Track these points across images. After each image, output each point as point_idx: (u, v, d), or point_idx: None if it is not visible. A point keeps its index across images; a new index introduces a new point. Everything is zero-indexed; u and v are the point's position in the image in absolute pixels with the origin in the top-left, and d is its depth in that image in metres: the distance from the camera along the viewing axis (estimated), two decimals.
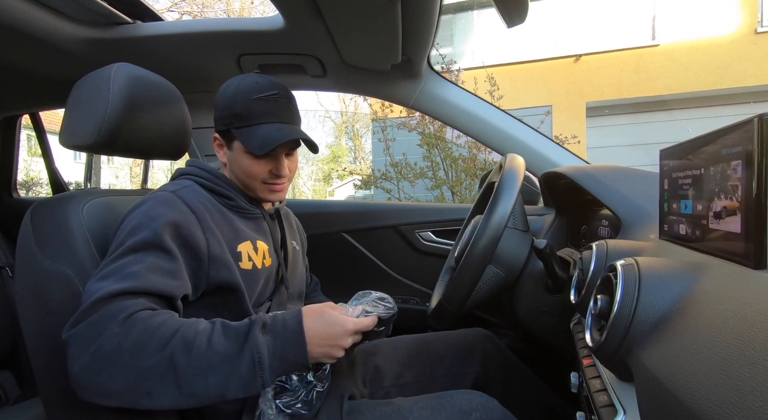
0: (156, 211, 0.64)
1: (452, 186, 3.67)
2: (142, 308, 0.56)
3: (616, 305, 0.36)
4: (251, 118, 0.72)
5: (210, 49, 1.06)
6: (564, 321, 0.77)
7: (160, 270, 0.60)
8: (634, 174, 0.79)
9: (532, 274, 0.83)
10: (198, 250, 0.66)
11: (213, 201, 0.73)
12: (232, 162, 0.76)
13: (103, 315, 0.54)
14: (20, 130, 1.51)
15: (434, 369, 0.90)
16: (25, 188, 6.51)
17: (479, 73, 3.70)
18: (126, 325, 0.53)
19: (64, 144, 0.79)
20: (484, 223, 0.70)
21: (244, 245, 0.73)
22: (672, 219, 0.50)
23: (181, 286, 0.63)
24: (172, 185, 0.72)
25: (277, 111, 0.74)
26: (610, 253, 0.52)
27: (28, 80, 1.16)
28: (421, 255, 1.33)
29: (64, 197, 0.78)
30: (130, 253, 0.60)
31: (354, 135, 11.64)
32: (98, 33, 0.99)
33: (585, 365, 0.47)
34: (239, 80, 0.74)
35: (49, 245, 0.72)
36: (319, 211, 1.40)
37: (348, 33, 0.93)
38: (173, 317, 0.58)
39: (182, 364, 0.53)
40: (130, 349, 0.52)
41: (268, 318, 0.61)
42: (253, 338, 0.56)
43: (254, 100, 0.72)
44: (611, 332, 0.36)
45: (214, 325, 0.58)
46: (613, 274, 0.40)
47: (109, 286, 0.56)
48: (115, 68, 0.76)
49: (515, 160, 0.81)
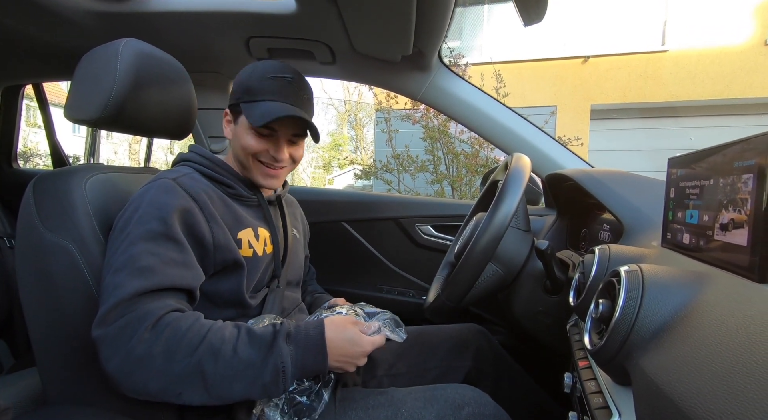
0: (162, 200, 0.64)
1: (453, 181, 3.67)
2: (168, 310, 0.58)
3: (618, 310, 0.37)
4: (259, 94, 0.73)
5: (220, 29, 1.04)
6: (559, 322, 0.78)
7: (175, 263, 0.61)
8: (639, 180, 0.79)
9: (531, 274, 0.83)
10: (203, 239, 0.67)
11: (213, 188, 0.73)
12: (235, 137, 0.77)
13: (132, 319, 0.55)
14: (23, 101, 1.49)
15: (427, 361, 0.91)
16: (23, 159, 6.45)
17: (486, 68, 3.67)
18: (155, 330, 0.55)
19: (69, 117, 0.78)
20: (487, 221, 0.71)
21: (245, 232, 0.74)
22: (676, 228, 0.51)
23: (197, 275, 0.64)
24: (172, 172, 0.72)
25: (286, 92, 0.74)
26: (613, 258, 0.53)
27: (33, 50, 1.14)
28: (420, 249, 1.34)
29: (67, 171, 0.78)
30: (141, 243, 0.60)
31: (356, 124, 11.58)
32: (108, 6, 0.98)
33: (581, 367, 0.48)
34: (263, 63, 0.76)
35: (51, 218, 0.71)
36: (320, 199, 1.40)
37: (361, 21, 0.92)
38: (199, 320, 0.59)
39: (210, 371, 0.56)
40: (160, 355, 0.55)
41: (292, 328, 0.63)
42: (278, 348, 0.59)
43: (268, 79, 0.73)
44: (611, 337, 0.37)
45: (239, 332, 0.60)
46: (616, 280, 0.40)
47: (129, 284, 0.57)
48: (123, 43, 0.75)
49: (521, 159, 0.81)
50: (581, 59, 6.33)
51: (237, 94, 0.75)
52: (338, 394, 0.73)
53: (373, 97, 4.13)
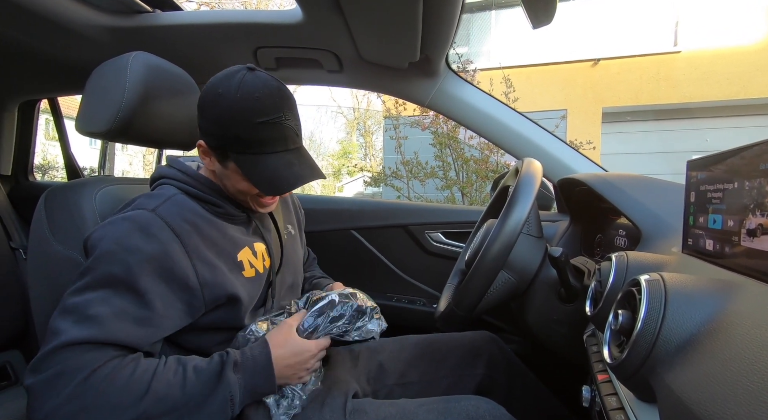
0: (132, 242, 0.58)
1: (462, 187, 3.64)
2: (104, 362, 0.53)
3: (639, 322, 0.35)
4: (254, 146, 0.62)
5: (227, 40, 1.06)
6: (575, 332, 0.75)
7: (127, 317, 0.56)
8: (656, 184, 0.77)
9: (545, 282, 0.81)
10: (186, 280, 0.61)
11: (200, 211, 0.67)
12: (223, 176, 0.69)
13: (64, 369, 0.51)
14: (39, 115, 1.53)
15: (438, 369, 0.89)
16: (41, 171, 6.63)
17: (495, 74, 3.65)
18: (88, 385, 0.51)
19: (80, 130, 0.79)
20: (498, 228, 0.69)
21: (244, 253, 0.70)
22: (698, 233, 0.48)
23: (149, 335, 0.58)
24: (152, 199, 0.64)
25: (283, 137, 0.63)
26: (631, 266, 0.50)
27: (47, 65, 1.17)
28: (430, 256, 1.32)
29: (78, 183, 0.78)
30: (98, 288, 0.56)
31: (365, 132, 11.63)
32: (118, 21, 1.00)
33: (600, 381, 0.46)
34: (235, 90, 0.61)
35: (62, 231, 0.72)
36: (328, 207, 1.39)
37: (367, 28, 0.92)
38: (139, 366, 0.56)
39: (157, 417, 0.54)
40: (97, 410, 0.51)
41: (238, 355, 0.62)
42: (226, 379, 0.58)
43: (257, 125, 0.61)
44: (633, 350, 0.34)
45: (185, 372, 0.58)
46: (636, 289, 0.38)
47: (71, 331, 0.53)
48: (132, 57, 0.76)
49: (532, 164, 0.79)
50: (591, 62, 6.27)
51: (221, 140, 0.63)
52: (348, 406, 0.72)
53: (382, 104, 4.14)
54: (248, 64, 0.65)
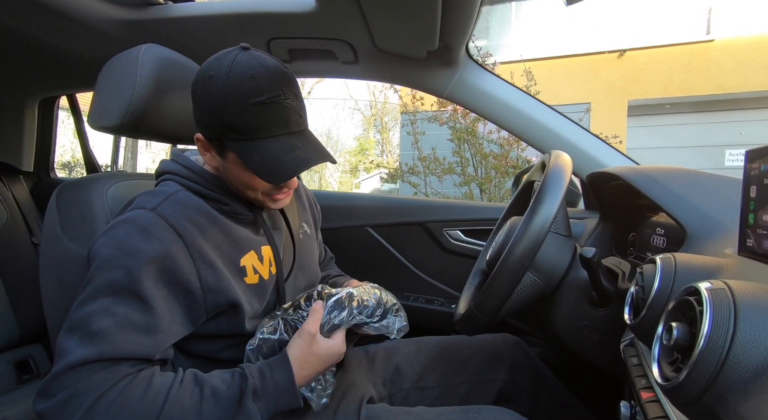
0: (132, 244, 0.54)
1: (481, 183, 3.56)
2: (115, 381, 0.50)
3: (701, 339, 0.29)
4: (251, 131, 0.57)
5: (240, 31, 1.03)
6: (608, 339, 0.69)
7: (133, 326, 0.53)
8: (702, 178, 0.69)
9: (574, 284, 0.75)
10: (188, 284, 0.57)
11: (204, 208, 0.62)
12: (226, 171, 0.64)
13: (72, 394, 0.49)
14: (58, 112, 1.55)
15: (457, 374, 0.85)
16: (68, 169, 6.85)
17: (516, 67, 3.55)
18: (95, 411, 0.49)
19: (92, 125, 0.78)
20: (524, 226, 0.63)
21: (248, 257, 0.65)
22: (762, 233, 0.42)
23: (158, 342, 0.55)
24: (152, 197, 0.60)
25: (283, 118, 0.58)
26: (680, 270, 0.44)
27: (64, 62, 1.18)
28: (448, 254, 1.27)
29: (89, 179, 0.77)
30: (101, 298, 0.52)
31: (382, 128, 11.58)
32: (131, 13, 0.98)
33: (645, 400, 0.40)
34: (227, 70, 0.56)
35: (72, 227, 0.71)
36: (344, 203, 1.36)
37: (383, 15, 0.87)
38: (151, 386, 0.52)
39: None
40: None
41: (258, 381, 0.56)
42: (245, 409, 0.54)
43: (252, 106, 0.55)
44: (694, 372, 0.29)
45: (203, 395, 0.53)
46: (695, 299, 0.33)
47: (77, 351, 0.50)
48: (143, 49, 0.74)
49: (561, 157, 0.73)
50: (617, 53, 6.03)
51: (215, 129, 0.59)
52: (363, 412, 0.68)
53: (399, 99, 4.09)
54: (242, 44, 0.59)
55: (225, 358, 0.66)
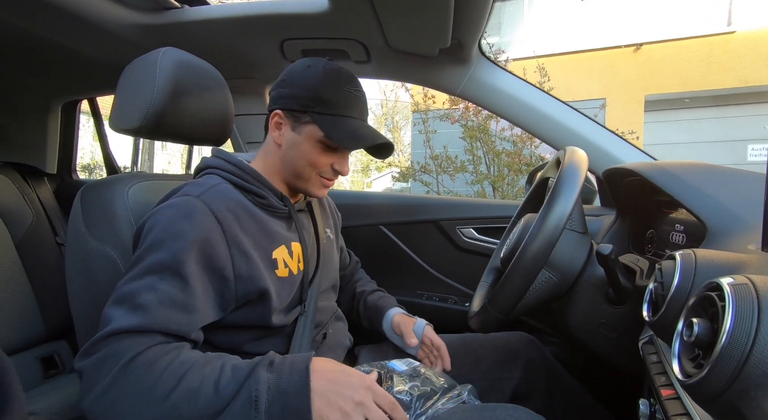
0: (178, 227, 0.59)
1: (494, 181, 3.53)
2: (147, 347, 0.54)
3: (724, 334, 0.29)
4: (339, 108, 0.68)
5: (255, 33, 1.04)
6: (626, 337, 0.69)
7: (173, 303, 0.57)
8: (722, 172, 0.68)
9: (590, 282, 0.74)
10: (223, 270, 0.61)
11: (243, 201, 0.67)
12: (292, 145, 0.70)
13: (109, 353, 0.53)
14: (80, 115, 1.59)
15: (472, 372, 0.85)
16: (88, 171, 7.03)
17: (528, 63, 3.51)
18: (129, 370, 0.52)
19: (114, 127, 0.80)
20: (539, 223, 0.63)
21: (280, 251, 0.69)
22: None
23: (194, 320, 0.59)
24: (197, 186, 0.65)
25: (361, 108, 0.71)
26: (701, 266, 0.44)
27: (85, 66, 1.21)
28: (462, 252, 1.26)
29: (112, 180, 0.79)
30: (146, 275, 0.57)
31: (393, 127, 11.57)
32: (149, 18, 1.01)
33: (665, 397, 0.40)
34: (322, 64, 0.69)
35: (96, 226, 0.73)
36: (357, 202, 1.36)
37: (396, 14, 0.88)
38: (179, 357, 0.54)
39: (186, 414, 0.51)
40: (135, 397, 0.51)
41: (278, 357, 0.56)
42: (255, 375, 0.52)
43: (344, 91, 0.69)
44: (716, 368, 0.29)
45: (223, 369, 0.54)
46: (717, 295, 0.32)
47: (120, 320, 0.54)
48: (161, 53, 0.76)
49: (576, 154, 0.72)
50: (633, 47, 5.90)
51: (304, 101, 0.68)
52: None
53: (410, 98, 4.08)
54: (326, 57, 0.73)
55: (248, 350, 0.68)
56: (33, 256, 1.27)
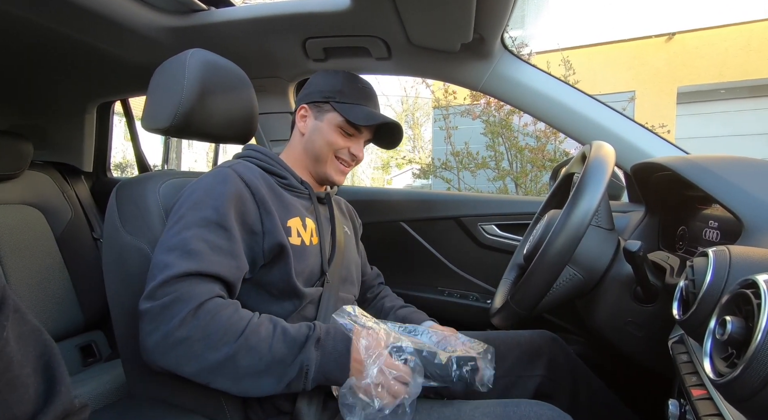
0: (218, 189, 0.68)
1: (516, 177, 3.47)
2: (211, 296, 0.59)
3: (759, 332, 0.28)
4: (353, 98, 0.81)
5: (278, 32, 1.06)
6: (654, 335, 0.67)
7: (221, 250, 0.63)
8: (759, 166, 0.65)
9: (617, 279, 0.73)
10: (253, 226, 0.69)
11: (266, 177, 0.77)
12: (314, 131, 0.82)
13: (175, 299, 0.57)
14: (113, 116, 1.67)
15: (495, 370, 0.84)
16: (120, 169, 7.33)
17: (552, 56, 3.41)
18: (196, 316, 0.57)
19: (146, 127, 0.84)
20: (563, 219, 0.62)
21: (294, 221, 0.75)
22: None
23: (240, 266, 0.66)
24: (229, 162, 0.77)
25: (373, 101, 0.85)
26: (735, 263, 0.42)
27: (119, 68, 1.26)
28: (483, 249, 1.25)
29: (144, 178, 0.83)
30: (195, 228, 0.63)
31: (413, 124, 11.50)
32: (177, 20, 1.04)
33: (695, 397, 0.39)
34: (341, 72, 0.85)
35: (130, 222, 0.77)
36: (377, 198, 1.37)
37: (417, 9, 0.87)
38: (238, 312, 0.61)
39: (243, 365, 0.57)
40: (199, 341, 0.56)
41: (323, 334, 0.63)
42: (307, 351, 0.60)
43: (359, 86, 0.83)
44: (751, 367, 0.28)
45: (275, 331, 0.61)
46: (753, 292, 0.31)
47: (177, 264, 0.59)
48: (189, 54, 0.78)
49: (603, 148, 0.71)
50: (665, 37, 5.65)
51: (326, 93, 0.81)
52: None
53: (431, 94, 4.05)
54: None
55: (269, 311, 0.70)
56: (72, 250, 1.34)
